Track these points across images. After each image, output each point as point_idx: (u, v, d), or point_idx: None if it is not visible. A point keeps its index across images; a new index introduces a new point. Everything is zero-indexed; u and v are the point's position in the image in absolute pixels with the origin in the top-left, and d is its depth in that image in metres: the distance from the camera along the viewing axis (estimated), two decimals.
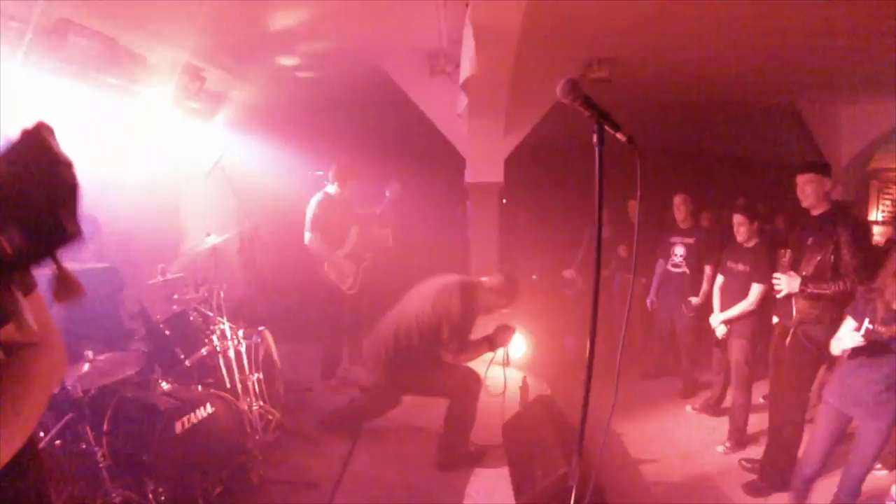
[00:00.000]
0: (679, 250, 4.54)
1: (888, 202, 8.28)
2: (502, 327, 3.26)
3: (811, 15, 3.40)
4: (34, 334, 0.93)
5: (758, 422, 3.70)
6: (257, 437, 3.26)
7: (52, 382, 1.08)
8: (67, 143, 1.39)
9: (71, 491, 2.42)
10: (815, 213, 2.94)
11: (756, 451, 3.46)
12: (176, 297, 3.38)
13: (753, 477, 3.27)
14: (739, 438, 3.68)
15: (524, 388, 3.91)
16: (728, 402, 3.98)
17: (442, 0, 3.47)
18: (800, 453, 3.05)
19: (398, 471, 3.25)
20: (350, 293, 4.25)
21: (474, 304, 3.13)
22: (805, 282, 2.77)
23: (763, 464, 3.21)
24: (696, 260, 4.43)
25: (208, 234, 3.72)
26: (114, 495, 2.36)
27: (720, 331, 3.73)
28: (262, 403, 3.46)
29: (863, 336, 2.31)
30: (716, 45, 4.12)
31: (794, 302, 2.89)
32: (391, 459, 3.38)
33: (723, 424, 3.80)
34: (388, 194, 5.71)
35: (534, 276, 6.78)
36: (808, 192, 2.88)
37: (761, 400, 4.00)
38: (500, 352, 3.34)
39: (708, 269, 4.27)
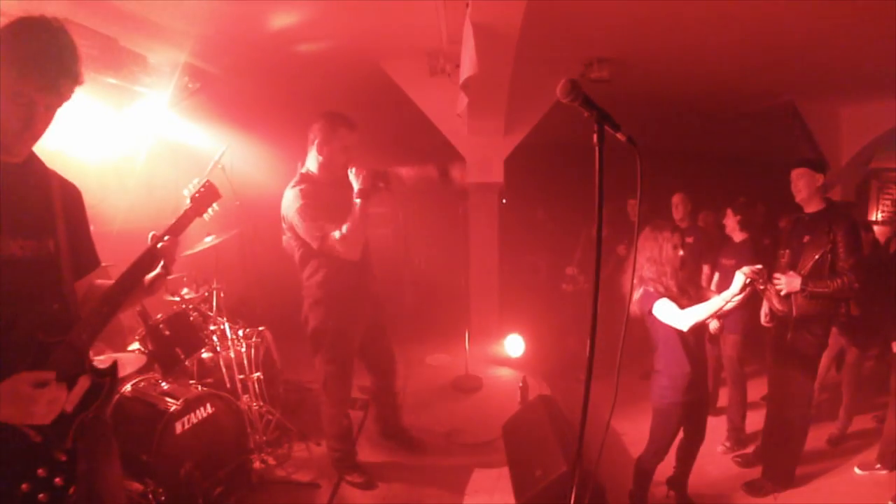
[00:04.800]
0: None
1: (888, 202, 8.28)
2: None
3: (811, 15, 3.40)
4: None
5: (758, 421, 3.70)
6: (257, 437, 3.26)
7: None
8: (67, 144, 1.40)
9: None
10: (809, 209, 2.98)
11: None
12: (176, 297, 3.38)
13: (748, 471, 3.28)
14: (738, 437, 3.68)
15: (524, 387, 3.92)
16: (723, 401, 3.99)
17: (442, 0, 3.47)
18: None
19: (398, 470, 3.25)
20: None
21: (310, 186, 2.80)
22: (805, 281, 2.79)
23: (766, 462, 3.20)
24: (694, 259, 4.43)
25: (208, 235, 3.72)
26: None
27: (712, 325, 3.76)
28: (262, 403, 3.46)
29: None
30: (716, 45, 4.12)
31: (793, 299, 2.90)
32: (391, 459, 3.38)
33: (722, 423, 3.80)
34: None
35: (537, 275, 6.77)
36: (801, 185, 2.94)
37: (761, 400, 4.00)
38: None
39: (706, 269, 4.28)
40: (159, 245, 1.55)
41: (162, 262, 1.56)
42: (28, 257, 1.35)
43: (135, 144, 4.39)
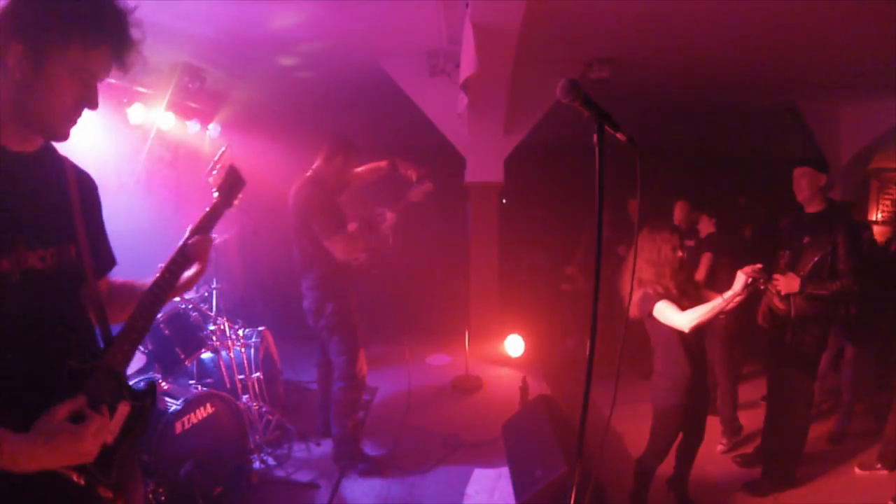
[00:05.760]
0: None
1: (888, 202, 8.28)
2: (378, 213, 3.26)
3: (811, 15, 3.40)
4: None
5: (758, 420, 3.69)
6: (257, 437, 3.26)
7: None
8: (67, 143, 1.38)
9: None
10: (809, 209, 2.97)
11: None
12: (176, 297, 3.37)
13: (748, 471, 3.27)
14: (732, 428, 3.67)
15: (524, 387, 3.91)
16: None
17: (442, 0, 3.47)
18: None
19: (398, 470, 3.25)
20: None
21: (322, 188, 3.06)
22: (804, 283, 2.78)
23: (766, 462, 3.20)
24: (694, 260, 4.43)
25: None
26: None
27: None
28: (261, 403, 3.46)
29: None
30: (716, 46, 4.12)
31: (792, 299, 2.90)
32: (391, 459, 3.38)
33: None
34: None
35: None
36: (803, 185, 2.93)
37: (761, 400, 4.00)
38: None
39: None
40: (190, 242, 1.44)
41: (197, 263, 1.44)
42: (49, 269, 1.14)
43: (135, 144, 4.39)
